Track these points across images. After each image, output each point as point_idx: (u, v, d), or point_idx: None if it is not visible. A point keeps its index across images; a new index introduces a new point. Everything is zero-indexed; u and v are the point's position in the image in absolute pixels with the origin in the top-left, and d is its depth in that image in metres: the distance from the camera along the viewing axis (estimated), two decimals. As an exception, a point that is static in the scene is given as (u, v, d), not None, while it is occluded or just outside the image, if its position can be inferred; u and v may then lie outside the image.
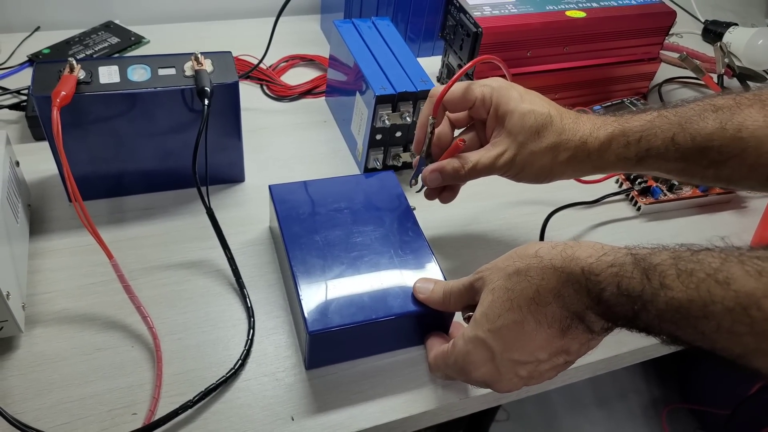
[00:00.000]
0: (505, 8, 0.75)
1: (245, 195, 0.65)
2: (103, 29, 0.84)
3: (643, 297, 0.35)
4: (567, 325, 0.40)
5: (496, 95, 0.51)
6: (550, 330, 0.40)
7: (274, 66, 0.84)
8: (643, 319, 0.35)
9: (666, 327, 0.35)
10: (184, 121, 0.57)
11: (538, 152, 0.50)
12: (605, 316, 0.38)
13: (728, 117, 0.47)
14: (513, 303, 0.41)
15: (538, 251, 0.41)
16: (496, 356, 0.42)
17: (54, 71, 0.53)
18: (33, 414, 0.45)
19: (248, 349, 0.51)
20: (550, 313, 0.40)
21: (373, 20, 0.73)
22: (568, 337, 0.40)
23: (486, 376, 0.44)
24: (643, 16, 0.78)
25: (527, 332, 0.40)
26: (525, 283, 0.41)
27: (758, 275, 0.31)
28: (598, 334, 0.40)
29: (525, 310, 0.40)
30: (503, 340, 0.41)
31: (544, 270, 0.40)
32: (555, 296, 0.39)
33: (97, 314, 0.52)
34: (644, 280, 0.35)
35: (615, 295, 0.36)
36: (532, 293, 0.40)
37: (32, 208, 0.59)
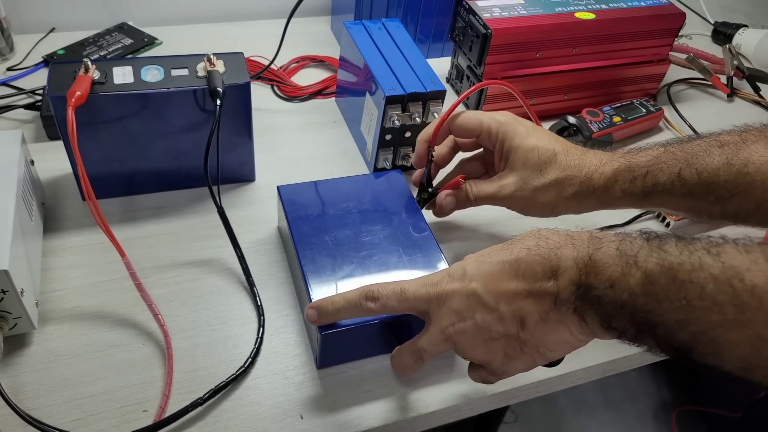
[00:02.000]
0: (515, 10, 0.75)
1: (256, 194, 0.65)
2: (116, 30, 0.85)
3: (638, 256, 0.36)
4: (539, 281, 0.39)
5: (503, 130, 0.53)
6: (522, 284, 0.40)
7: (285, 67, 0.84)
8: (625, 283, 0.35)
9: (645, 297, 0.35)
10: (196, 121, 0.58)
11: (541, 188, 0.51)
12: (584, 279, 0.37)
13: (734, 153, 0.47)
14: (507, 247, 0.42)
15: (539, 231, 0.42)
16: (465, 279, 0.42)
17: (69, 72, 0.54)
18: (46, 410, 0.45)
19: (258, 347, 0.51)
20: (533, 264, 0.40)
21: (383, 21, 0.74)
22: (529, 303, 0.40)
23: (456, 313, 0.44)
24: (652, 18, 0.78)
25: (502, 275, 0.41)
26: (531, 235, 0.42)
27: (747, 252, 0.33)
28: (560, 303, 0.39)
29: (515, 254, 0.41)
30: (480, 272, 0.42)
31: (553, 232, 0.41)
32: (549, 251, 0.40)
33: (109, 312, 0.52)
34: (643, 243, 0.36)
35: (608, 255, 0.37)
36: (531, 243, 0.41)
37: (46, 207, 0.60)
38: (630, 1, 0.80)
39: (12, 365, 0.48)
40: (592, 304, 0.37)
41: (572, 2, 0.78)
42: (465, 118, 0.55)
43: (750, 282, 0.32)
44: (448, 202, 0.57)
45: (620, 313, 0.36)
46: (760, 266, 0.32)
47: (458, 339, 0.43)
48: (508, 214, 0.57)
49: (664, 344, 0.35)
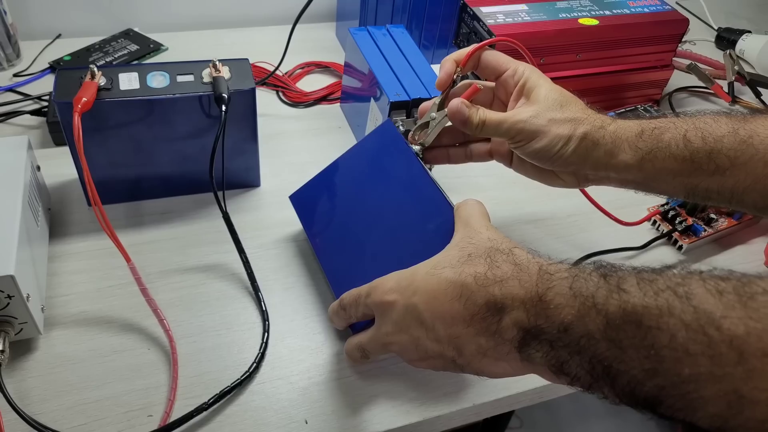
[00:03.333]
0: (519, 16, 0.75)
1: (261, 200, 0.65)
2: (122, 36, 0.86)
3: (596, 297, 0.33)
4: (480, 318, 0.37)
5: (528, 72, 0.51)
6: (463, 311, 0.38)
7: (290, 73, 0.84)
8: (583, 327, 0.32)
9: (607, 343, 0.31)
10: (201, 126, 0.58)
11: (559, 120, 0.48)
12: (533, 321, 0.35)
13: (741, 123, 0.46)
14: (459, 265, 0.40)
15: (515, 248, 0.40)
16: (407, 295, 0.41)
17: (75, 78, 0.54)
18: (51, 415, 0.46)
19: (263, 353, 0.51)
20: (476, 297, 0.37)
21: (388, 28, 0.74)
22: (470, 333, 0.38)
23: (380, 309, 0.44)
24: (655, 24, 0.79)
25: (445, 295, 0.39)
26: (485, 259, 0.39)
27: (719, 294, 0.29)
28: (501, 343, 0.37)
29: (463, 276, 0.39)
30: (426, 287, 0.40)
31: (506, 261, 0.38)
32: (494, 285, 0.37)
33: (115, 317, 0.53)
34: (600, 281, 0.33)
35: (561, 294, 0.34)
36: (482, 270, 0.38)
37: (52, 212, 0.60)
38: (633, 8, 0.80)
39: (18, 370, 0.48)
40: (541, 348, 0.35)
41: (576, 8, 0.78)
42: (497, 53, 0.53)
43: (728, 331, 0.28)
44: (460, 110, 0.49)
45: (575, 359, 0.33)
46: (737, 312, 0.28)
47: (396, 349, 0.44)
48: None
49: (626, 395, 0.32)
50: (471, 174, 0.71)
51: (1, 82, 0.76)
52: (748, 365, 0.27)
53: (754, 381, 0.27)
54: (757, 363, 0.27)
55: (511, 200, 0.69)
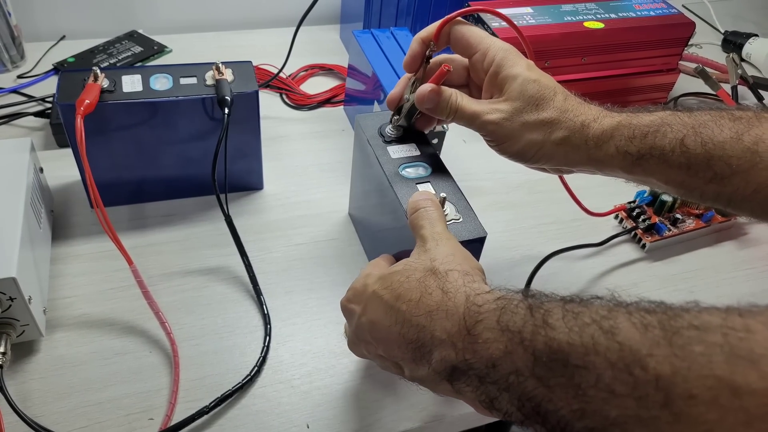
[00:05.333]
0: (524, 19, 0.75)
1: (264, 202, 0.65)
2: (126, 38, 0.86)
3: (523, 332, 0.31)
4: (414, 348, 0.36)
5: (502, 55, 0.46)
6: (399, 337, 0.37)
7: (293, 75, 0.84)
8: (511, 363, 0.31)
9: (535, 381, 0.30)
10: (204, 129, 0.58)
11: (531, 124, 0.45)
12: (461, 356, 0.34)
13: (746, 128, 0.42)
14: (398, 290, 0.38)
15: (451, 273, 0.38)
16: (363, 315, 0.41)
17: (78, 80, 0.54)
18: (52, 417, 0.45)
19: (264, 356, 0.51)
20: (409, 325, 0.37)
21: (392, 30, 0.74)
22: (407, 358, 0.37)
23: (347, 315, 0.44)
24: (661, 27, 0.78)
25: (386, 320, 0.38)
26: (419, 285, 0.38)
27: (644, 329, 0.27)
28: (435, 374, 0.36)
29: (399, 303, 0.38)
30: (373, 309, 0.40)
31: (437, 289, 0.37)
32: (422, 316, 0.36)
33: (117, 319, 0.52)
34: (527, 315, 0.32)
35: (489, 329, 0.33)
36: (414, 298, 0.37)
37: (55, 214, 0.60)
38: (639, 11, 0.80)
39: (19, 372, 0.48)
40: (471, 383, 0.34)
41: (581, 11, 0.78)
42: (469, 28, 0.48)
43: (653, 371, 0.26)
44: (429, 98, 0.47)
45: (504, 395, 0.32)
46: (663, 350, 0.26)
47: (357, 352, 0.45)
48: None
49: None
50: (474, 178, 0.71)
51: (5, 83, 0.76)
52: (675, 408, 0.25)
53: (680, 425, 0.25)
54: (683, 406, 0.25)
55: (514, 204, 0.69)
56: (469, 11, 0.50)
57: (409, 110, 0.52)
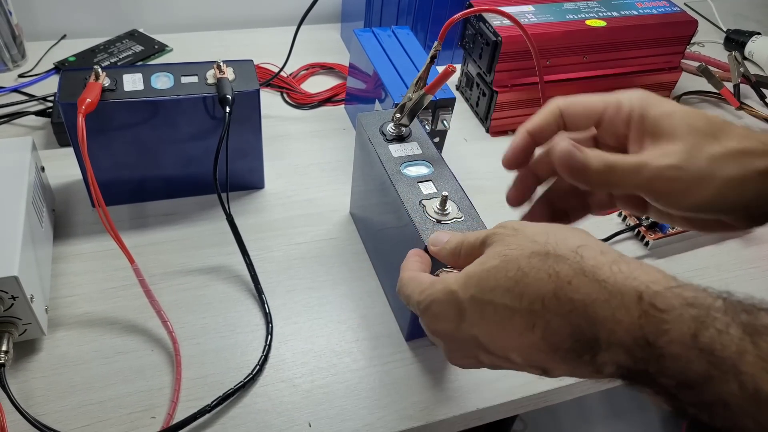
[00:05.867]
0: (525, 17, 0.75)
1: (265, 202, 0.65)
2: (127, 37, 0.86)
3: (739, 366, 0.25)
4: (567, 350, 0.30)
5: (641, 97, 0.37)
6: (542, 342, 0.30)
7: (294, 74, 0.84)
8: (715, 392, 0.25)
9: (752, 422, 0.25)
10: (205, 128, 0.58)
11: (720, 157, 0.34)
12: (641, 366, 0.27)
13: None
14: (517, 287, 0.31)
15: (581, 248, 0.31)
16: (463, 326, 0.34)
17: (80, 79, 0.54)
18: (54, 416, 0.46)
19: (266, 355, 0.51)
20: (555, 325, 0.30)
21: (393, 29, 0.74)
22: (555, 360, 0.31)
23: (441, 336, 0.36)
24: (663, 26, 0.78)
25: (512, 327, 0.31)
26: (544, 274, 0.30)
27: None
28: (599, 376, 0.30)
29: (526, 303, 0.31)
30: (481, 317, 0.33)
31: (578, 273, 0.30)
32: (575, 311, 0.29)
33: (118, 318, 0.52)
34: (745, 341, 0.25)
35: (683, 346, 0.26)
36: (547, 292, 0.30)
37: (56, 213, 0.60)
38: (641, 9, 0.79)
39: (22, 371, 0.48)
40: (657, 394, 0.28)
41: (583, 10, 0.78)
42: (583, 99, 0.39)
43: None
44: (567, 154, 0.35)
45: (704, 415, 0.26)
46: None
47: (455, 362, 0.38)
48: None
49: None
50: (475, 177, 0.71)
51: (6, 82, 0.76)
52: None
53: None
54: None
55: (516, 203, 0.69)
56: (473, 12, 0.51)
57: (412, 108, 0.52)
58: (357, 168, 0.60)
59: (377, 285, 0.58)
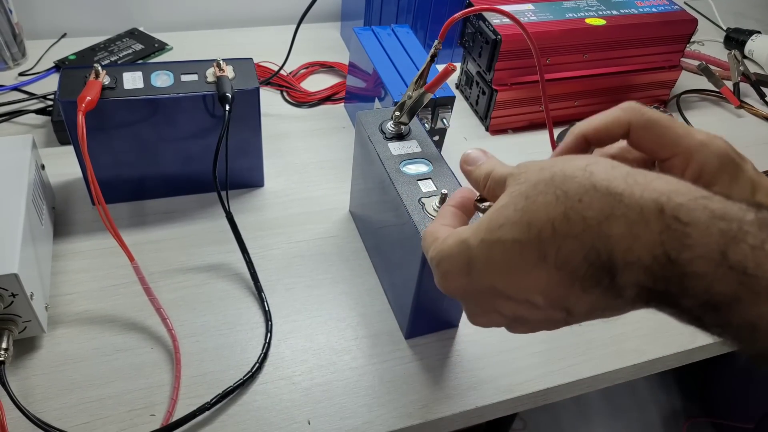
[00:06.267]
0: (525, 15, 0.75)
1: (264, 200, 0.65)
2: (127, 36, 0.86)
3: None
4: (584, 277, 0.27)
5: (713, 169, 0.32)
6: (557, 272, 0.28)
7: (294, 72, 0.84)
8: (743, 313, 0.24)
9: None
10: (205, 126, 0.58)
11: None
12: (661, 286, 0.25)
13: None
14: (524, 216, 0.29)
15: (590, 165, 0.28)
16: (475, 276, 0.32)
17: (80, 77, 0.54)
18: (54, 413, 0.46)
19: (265, 353, 0.51)
20: (567, 249, 0.27)
21: (393, 28, 0.74)
22: (575, 292, 0.28)
23: (458, 293, 0.34)
24: (663, 24, 0.78)
25: (524, 261, 0.29)
26: (551, 197, 0.28)
27: None
28: (622, 302, 0.27)
29: (535, 232, 0.28)
30: (492, 259, 0.30)
31: (589, 189, 0.27)
32: (588, 230, 0.26)
33: (118, 316, 0.53)
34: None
35: (710, 263, 0.23)
36: (557, 215, 0.27)
37: (56, 211, 0.60)
38: (641, 7, 0.79)
39: (22, 368, 0.48)
40: (681, 315, 0.26)
41: (583, 8, 0.78)
42: (658, 126, 0.33)
43: None
44: None
45: (729, 332, 0.25)
46: None
47: (487, 324, 0.35)
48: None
49: None
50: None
51: (7, 81, 0.76)
52: None
53: None
54: None
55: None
56: (473, 11, 0.51)
57: (412, 107, 0.52)
58: (356, 166, 0.60)
59: (377, 283, 0.58)
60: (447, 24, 0.49)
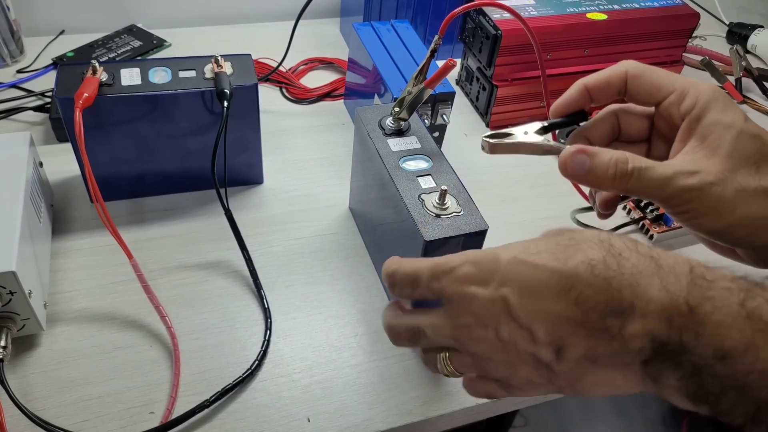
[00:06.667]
0: (525, 10, 0.74)
1: (264, 197, 0.65)
2: (125, 33, 0.85)
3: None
4: (596, 319, 0.29)
5: (708, 97, 0.35)
6: (573, 307, 0.29)
7: (293, 69, 0.84)
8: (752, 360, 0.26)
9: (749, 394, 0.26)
10: (204, 123, 0.58)
11: (752, 192, 0.33)
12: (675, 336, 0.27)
13: None
14: (565, 252, 0.30)
15: (630, 242, 0.30)
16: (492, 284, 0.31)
17: (77, 73, 0.54)
18: (53, 411, 0.46)
19: (265, 350, 0.51)
20: (594, 289, 0.29)
21: (393, 23, 0.74)
22: (579, 335, 0.29)
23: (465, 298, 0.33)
24: (665, 18, 0.78)
25: (548, 288, 0.30)
26: (596, 243, 0.30)
27: None
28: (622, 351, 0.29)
29: (571, 265, 0.30)
30: (516, 274, 0.31)
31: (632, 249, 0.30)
32: (620, 277, 0.28)
33: (117, 313, 0.52)
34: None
35: (725, 310, 0.27)
36: (597, 256, 0.29)
37: (55, 209, 0.60)
38: (643, 2, 0.79)
39: (20, 366, 0.48)
40: (681, 370, 0.27)
41: (584, 3, 0.77)
42: (653, 70, 0.38)
43: None
44: (572, 163, 0.35)
45: (730, 395, 0.26)
46: None
47: (472, 346, 0.33)
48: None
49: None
50: (475, 172, 0.70)
51: (5, 78, 0.76)
52: None
53: None
54: None
55: (515, 198, 0.68)
56: (474, 5, 0.50)
57: (412, 103, 0.51)
58: (356, 163, 0.59)
59: (376, 280, 0.58)
60: (447, 19, 0.48)
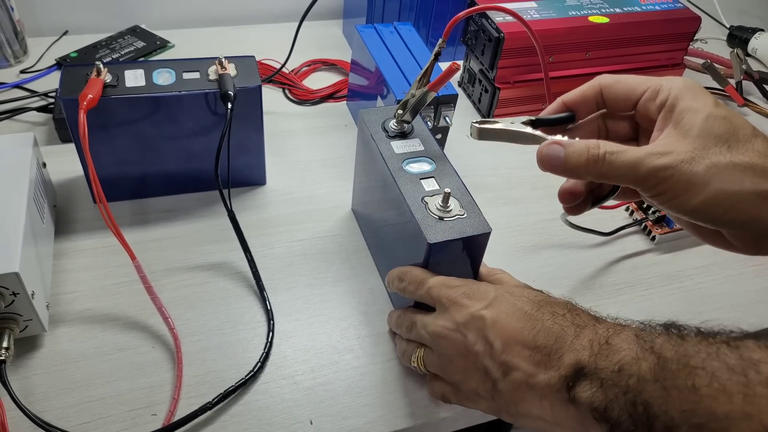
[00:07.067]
0: (528, 13, 0.74)
1: (266, 198, 0.65)
2: (129, 33, 0.85)
3: (655, 343, 0.34)
4: (545, 342, 0.38)
5: (680, 86, 0.38)
6: (535, 336, 0.39)
7: (296, 70, 0.84)
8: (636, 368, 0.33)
9: (654, 384, 0.32)
10: (207, 124, 0.58)
11: (723, 167, 0.35)
12: (593, 361, 0.36)
13: None
14: (541, 303, 0.41)
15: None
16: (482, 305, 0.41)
17: (81, 75, 0.54)
18: (55, 413, 0.45)
19: (267, 352, 0.51)
20: (552, 327, 0.39)
21: (395, 25, 0.74)
22: (525, 359, 0.39)
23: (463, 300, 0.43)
24: (666, 22, 0.78)
25: (520, 322, 0.39)
26: (563, 307, 0.40)
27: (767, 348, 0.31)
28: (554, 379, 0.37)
29: (546, 310, 0.40)
30: (500, 303, 0.41)
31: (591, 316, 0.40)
32: (582, 317, 0.39)
33: (120, 315, 0.52)
34: (663, 331, 0.35)
35: (625, 339, 0.35)
36: (563, 306, 0.40)
37: (58, 209, 0.60)
38: (644, 5, 0.79)
39: (22, 367, 0.48)
40: (591, 386, 0.35)
41: (586, 6, 0.77)
42: (626, 81, 0.41)
43: (766, 373, 0.29)
44: (548, 156, 0.39)
45: (620, 400, 0.33)
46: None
47: (443, 346, 0.43)
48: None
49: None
50: (478, 174, 0.70)
51: (8, 78, 0.76)
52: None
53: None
54: None
55: (518, 200, 0.68)
56: (477, 9, 0.51)
57: (415, 105, 0.51)
58: (359, 164, 0.59)
59: (379, 282, 0.58)
60: (451, 23, 0.48)
